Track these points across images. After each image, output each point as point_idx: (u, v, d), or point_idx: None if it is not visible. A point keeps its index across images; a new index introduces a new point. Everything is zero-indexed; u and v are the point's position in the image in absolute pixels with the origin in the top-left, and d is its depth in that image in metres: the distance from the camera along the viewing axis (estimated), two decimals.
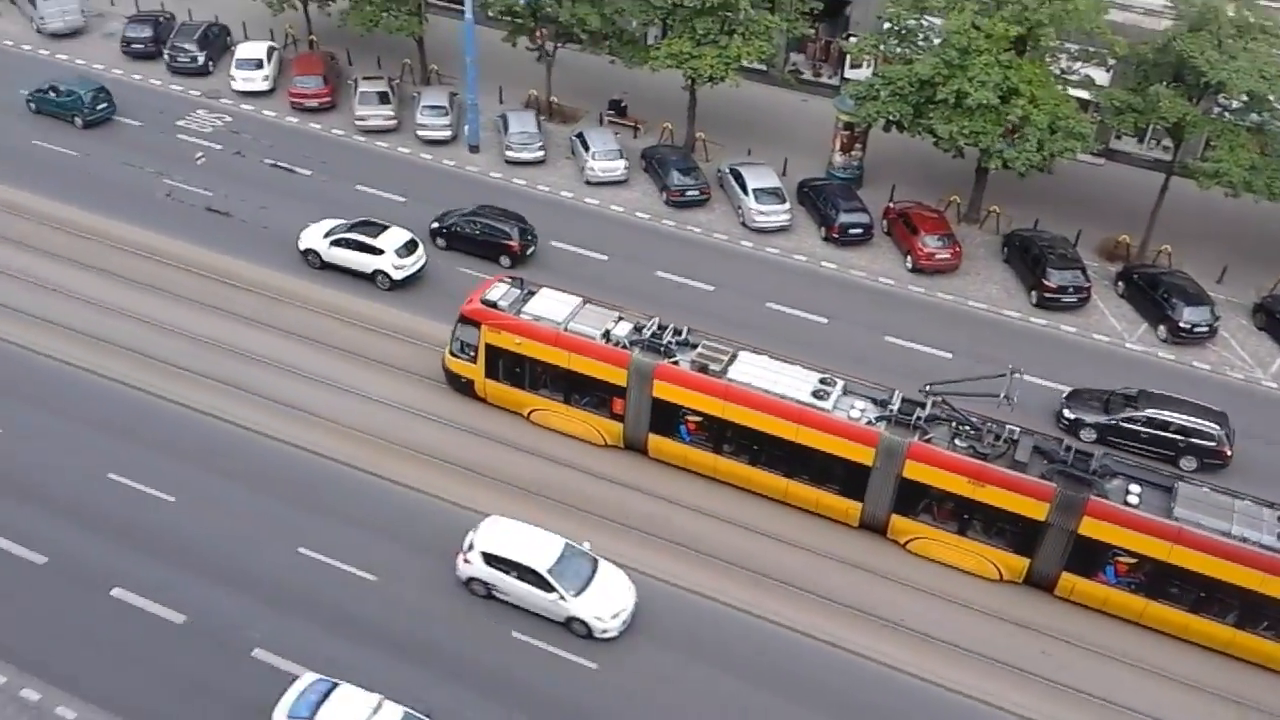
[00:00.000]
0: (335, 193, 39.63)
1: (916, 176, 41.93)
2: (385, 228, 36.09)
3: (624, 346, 29.71)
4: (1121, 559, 26.31)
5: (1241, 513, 25.74)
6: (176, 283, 35.11)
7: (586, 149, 41.61)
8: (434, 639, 25.32)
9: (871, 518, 28.76)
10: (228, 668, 24.36)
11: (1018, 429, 27.32)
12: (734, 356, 29.31)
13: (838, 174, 42.02)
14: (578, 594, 25.39)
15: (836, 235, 38.91)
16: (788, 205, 39.60)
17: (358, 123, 43.47)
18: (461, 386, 32.07)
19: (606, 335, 29.92)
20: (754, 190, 39.55)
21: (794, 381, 28.60)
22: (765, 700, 24.54)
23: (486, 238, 37.09)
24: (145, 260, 36.00)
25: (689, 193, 40.44)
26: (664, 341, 29.54)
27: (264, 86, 45.33)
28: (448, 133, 43.05)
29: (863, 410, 27.89)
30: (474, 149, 42.80)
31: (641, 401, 29.84)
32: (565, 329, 30.10)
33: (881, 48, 39.27)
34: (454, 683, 24.41)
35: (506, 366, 31.09)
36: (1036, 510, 26.55)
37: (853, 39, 42.96)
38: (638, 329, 30.13)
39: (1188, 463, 30.82)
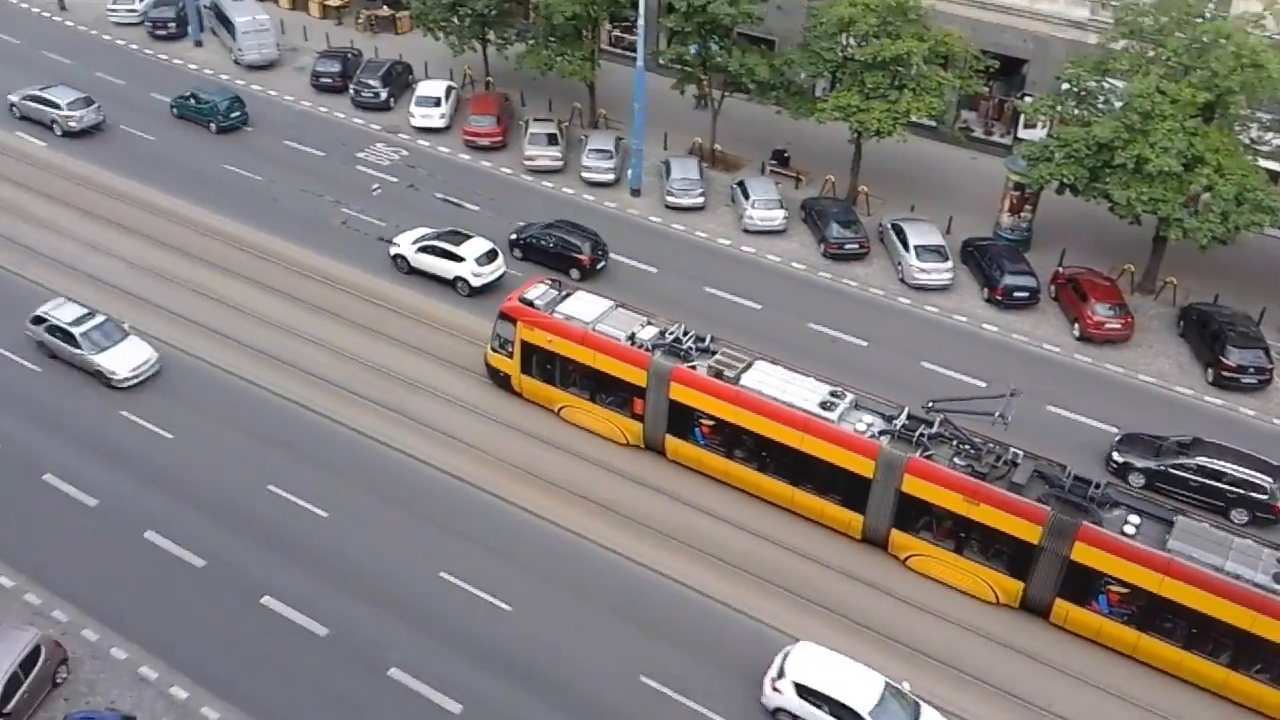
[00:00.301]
0: (501, 228, 40.63)
1: (1088, 242, 40.48)
2: (469, 237, 37.87)
3: (646, 349, 30.73)
4: (1114, 588, 25.99)
5: (1238, 550, 25.11)
6: (349, 308, 36.51)
7: (747, 197, 41.65)
8: (563, 676, 25.36)
9: (873, 531, 28.97)
10: (364, 684, 24.90)
11: (1021, 452, 27.36)
12: (750, 365, 30.14)
13: (1005, 235, 40.92)
14: None
15: (1000, 297, 37.82)
16: (950, 264, 38.74)
17: (526, 162, 44.59)
18: (500, 381, 33.51)
19: (631, 338, 31.04)
20: (915, 247, 38.85)
21: (804, 392, 29.22)
22: None
23: (559, 250, 38.45)
24: (320, 285, 37.55)
25: (848, 245, 40.00)
26: (684, 346, 30.51)
27: (440, 124, 46.97)
28: (611, 175, 43.74)
29: (869, 424, 28.34)
30: (635, 192, 43.34)
31: (659, 403, 30.78)
32: (593, 329, 31.37)
33: (1058, 109, 38.23)
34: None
35: (539, 363, 32.37)
36: (1029, 533, 26.40)
37: (1028, 98, 41.92)
38: (662, 334, 31.13)
39: (1239, 515, 29.80)
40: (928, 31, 39.58)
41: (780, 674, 24.49)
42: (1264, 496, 29.55)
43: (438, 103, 47.18)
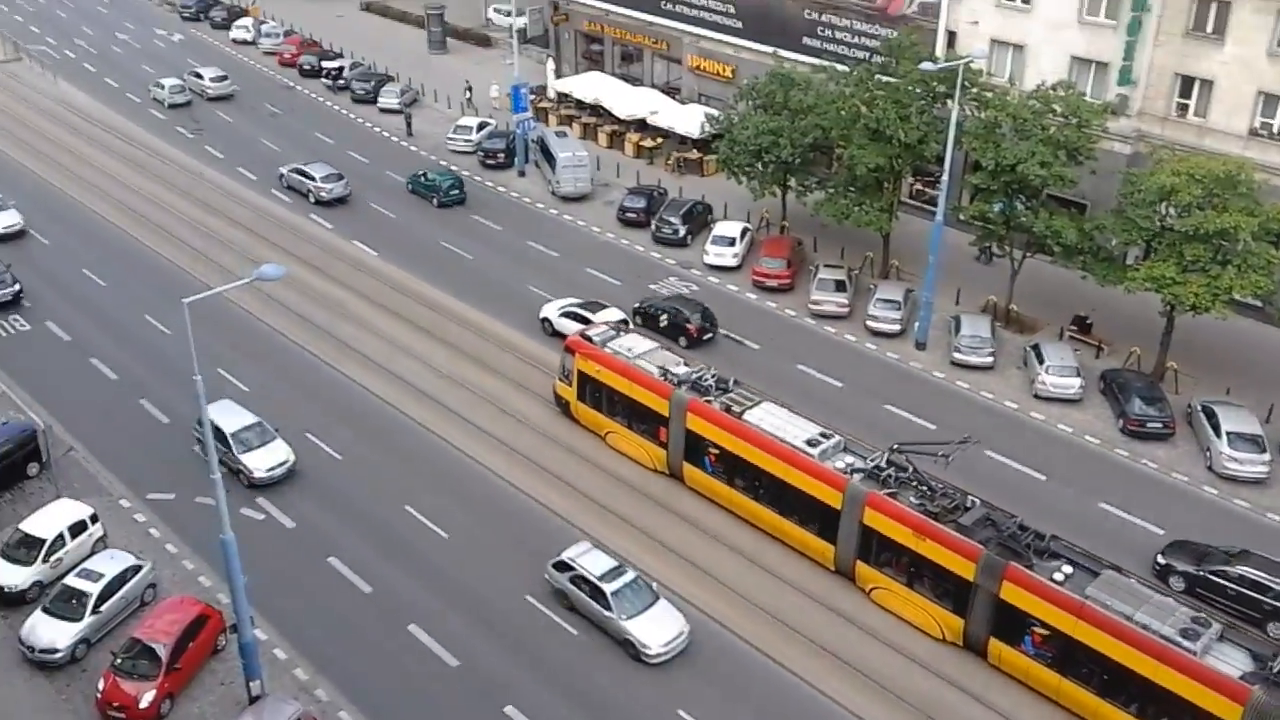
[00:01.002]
0: (778, 368, 40.66)
1: None
2: (604, 306, 42.57)
3: (672, 382, 34.60)
4: (1036, 629, 27.34)
5: (1154, 604, 26.04)
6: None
7: (1041, 361, 39.77)
8: None
9: (843, 562, 31.35)
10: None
11: (979, 500, 29.65)
12: (758, 403, 33.58)
13: None
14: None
15: None
16: (1268, 457, 35.19)
17: (812, 306, 44.69)
18: (562, 407, 37.96)
19: (664, 372, 34.90)
20: (1228, 434, 35.60)
21: (798, 430, 32.23)
22: None
23: (671, 320, 42.18)
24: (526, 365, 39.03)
25: (1150, 424, 37.19)
26: (705, 383, 34.16)
27: (732, 263, 48.06)
28: (897, 326, 43.07)
29: (849, 464, 31.05)
30: (921, 346, 42.40)
31: (678, 432, 34.45)
32: (633, 362, 35.65)
33: None
34: None
35: (591, 392, 36.67)
36: (965, 569, 28.35)
37: None
38: (693, 373, 34.86)
39: (1275, 628, 29.19)
40: (1259, 206, 36.95)
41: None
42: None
43: (732, 242, 48.36)
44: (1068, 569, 27.11)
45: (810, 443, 31.53)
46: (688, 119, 57.50)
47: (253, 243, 49.51)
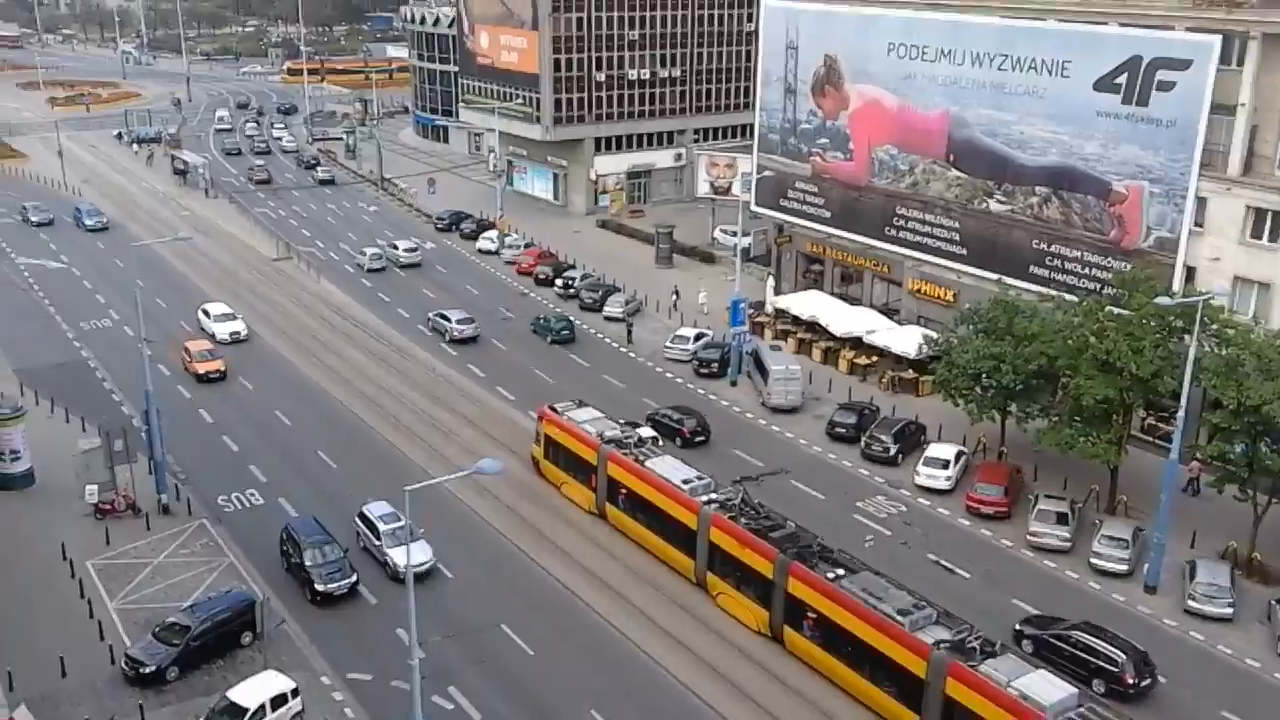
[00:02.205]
0: (991, 601, 38.50)
1: None
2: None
3: (601, 439, 44.11)
4: (809, 615, 34.62)
5: (890, 593, 33.40)
6: None
7: None
8: None
9: (700, 574, 39.51)
10: None
11: (795, 524, 38.63)
12: (660, 455, 43.48)
13: None
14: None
15: None
16: None
17: (1030, 538, 42.47)
18: (533, 466, 47.59)
19: (600, 433, 44.34)
20: None
21: (680, 473, 41.55)
22: None
23: (667, 423, 51.56)
24: None
25: None
26: (626, 440, 44.22)
27: (945, 486, 46.57)
28: (1125, 567, 40.26)
29: (710, 498, 39.77)
30: (1150, 589, 39.35)
31: (601, 478, 43.48)
32: (578, 424, 45.31)
33: None
34: None
35: (551, 451, 46.29)
36: (766, 569, 36.33)
37: None
38: (621, 431, 45.09)
39: (1098, 685, 33.51)
40: None
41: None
42: (1115, 669, 33.79)
43: (946, 465, 47.00)
44: (840, 571, 35.05)
45: (685, 480, 40.86)
46: (905, 339, 57.29)
47: (478, 439, 51.63)
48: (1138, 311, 42.33)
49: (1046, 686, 29.37)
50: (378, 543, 40.77)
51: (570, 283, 73.10)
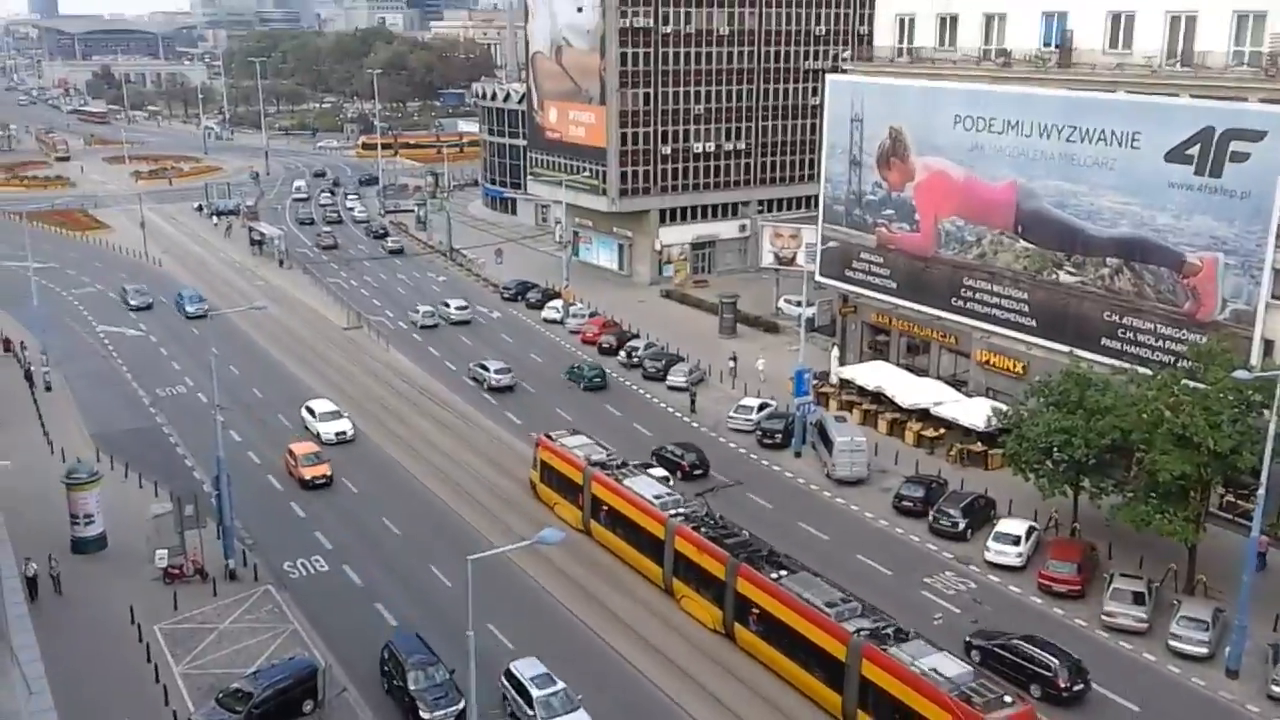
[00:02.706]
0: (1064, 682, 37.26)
1: None
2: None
3: (588, 461, 48.90)
4: (753, 610, 38.99)
5: (820, 588, 38.19)
6: None
7: None
8: None
9: (667, 581, 43.52)
10: None
11: (749, 533, 43.27)
12: (635, 475, 47.90)
13: None
14: None
15: None
16: None
17: (1105, 618, 41.20)
18: (531, 490, 52.41)
19: (588, 457, 49.15)
20: None
21: (654, 491, 45.89)
22: None
23: (669, 457, 56.15)
24: None
25: None
26: (609, 463, 48.70)
27: (1016, 562, 45.49)
28: (1204, 649, 38.83)
29: (677, 512, 44.09)
30: (1232, 674, 37.86)
31: (586, 498, 47.97)
32: (568, 449, 50.34)
33: None
34: None
35: (545, 474, 51.23)
36: (719, 570, 40.61)
37: None
38: (606, 455, 50.16)
39: (1035, 689, 36.20)
40: None
41: None
42: (1049, 674, 36.71)
43: (1017, 541, 45.95)
44: (783, 572, 39.15)
45: (656, 496, 45.31)
46: (973, 411, 56.46)
47: (536, 507, 51.70)
48: (1214, 385, 41.31)
49: (947, 664, 33.62)
50: (530, 713, 34.89)
51: (633, 352, 73.37)
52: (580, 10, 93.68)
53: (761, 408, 62.12)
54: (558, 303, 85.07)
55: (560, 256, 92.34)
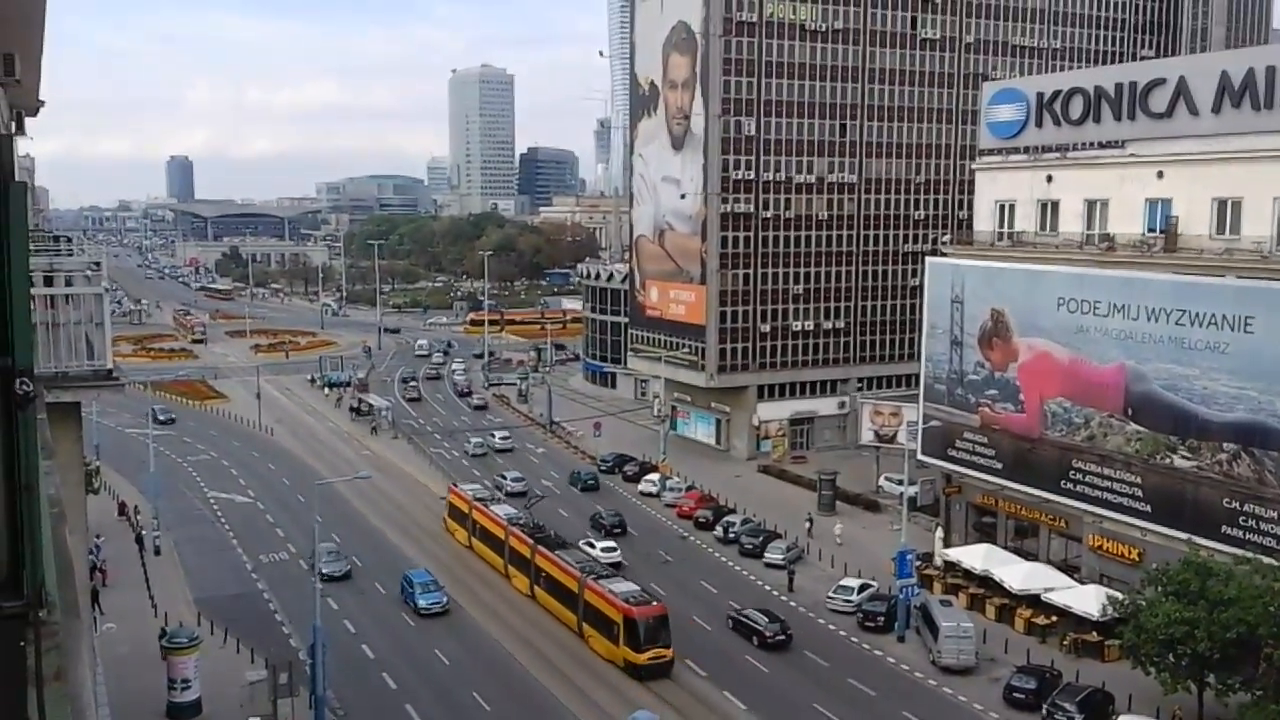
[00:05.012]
0: None
1: None
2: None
3: (473, 497, 71.46)
4: (543, 574, 59.82)
5: (577, 554, 61.87)
6: None
7: None
8: None
9: (506, 567, 64.49)
10: None
11: (554, 533, 65.50)
12: (499, 500, 72.70)
13: None
14: None
15: None
16: None
17: None
18: (444, 526, 73.69)
19: (474, 494, 71.99)
20: None
21: (506, 514, 67.51)
22: None
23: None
24: None
25: None
26: (487, 497, 72.50)
27: None
28: None
29: (514, 521, 65.91)
30: None
31: (470, 522, 69.78)
32: (462, 490, 73.74)
33: None
34: None
35: (451, 511, 73.24)
36: (528, 553, 61.56)
37: None
38: (489, 492, 75.78)
39: (755, 640, 54.99)
40: None
41: None
42: (760, 629, 54.51)
43: None
44: (560, 550, 60.35)
45: (507, 516, 66.42)
46: (1086, 599, 54.02)
47: (622, 681, 50.45)
48: None
49: (623, 586, 54.16)
50: None
51: (730, 527, 72.48)
52: (684, 197, 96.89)
53: (862, 588, 60.41)
54: (655, 476, 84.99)
55: (658, 430, 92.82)
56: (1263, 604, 40.67)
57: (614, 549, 67.73)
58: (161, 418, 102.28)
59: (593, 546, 67.35)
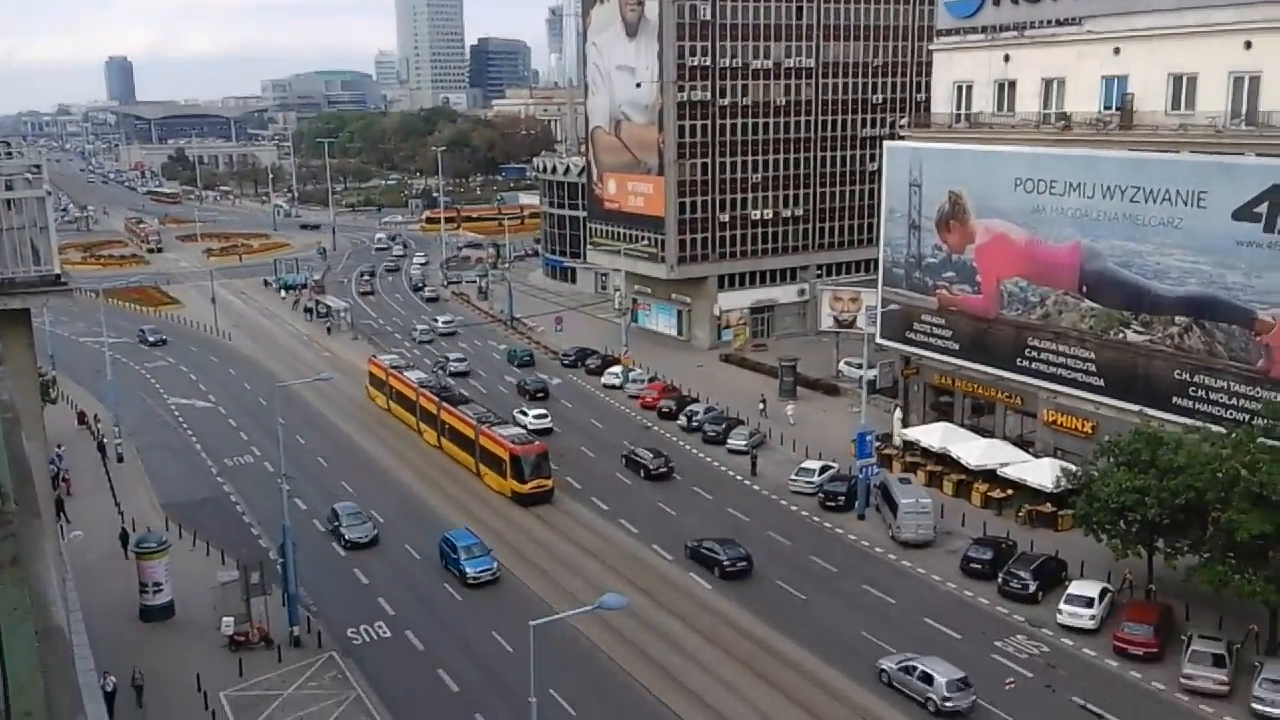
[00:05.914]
0: None
1: None
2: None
3: (389, 364, 79.20)
4: (448, 426, 67.90)
5: (476, 409, 69.26)
6: None
7: None
8: None
9: (419, 425, 72.52)
10: None
11: (459, 391, 76.18)
12: (412, 367, 79.65)
13: None
14: None
15: None
16: None
17: (1183, 680, 39.86)
18: (366, 393, 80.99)
19: (390, 362, 79.86)
20: None
21: (418, 378, 75.18)
22: None
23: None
24: None
25: None
26: (400, 364, 79.78)
27: (1090, 625, 44.30)
28: None
29: (426, 385, 73.82)
30: None
31: (387, 387, 77.30)
32: (380, 361, 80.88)
33: None
34: None
35: (372, 379, 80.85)
36: (433, 409, 70.31)
37: None
38: (405, 362, 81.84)
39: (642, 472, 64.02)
40: None
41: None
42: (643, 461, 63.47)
43: (1090, 603, 44.77)
44: (462, 405, 69.25)
45: (419, 380, 74.02)
46: (1041, 472, 55.36)
47: (604, 573, 51.47)
48: None
49: (510, 430, 63.42)
50: None
51: (693, 416, 73.27)
52: (639, 86, 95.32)
53: (823, 470, 61.56)
54: (617, 368, 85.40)
55: (619, 323, 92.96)
56: (1211, 470, 41.89)
57: (544, 415, 73.84)
58: (152, 339, 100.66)
59: (525, 414, 73.63)
